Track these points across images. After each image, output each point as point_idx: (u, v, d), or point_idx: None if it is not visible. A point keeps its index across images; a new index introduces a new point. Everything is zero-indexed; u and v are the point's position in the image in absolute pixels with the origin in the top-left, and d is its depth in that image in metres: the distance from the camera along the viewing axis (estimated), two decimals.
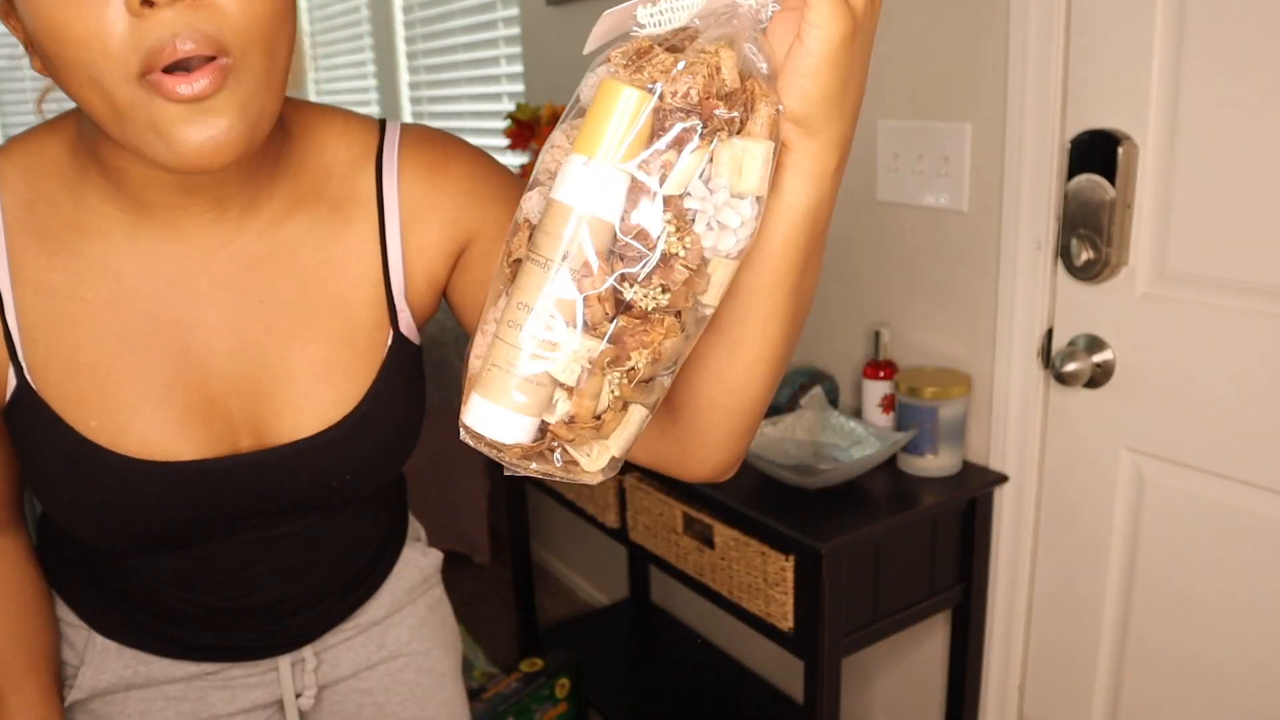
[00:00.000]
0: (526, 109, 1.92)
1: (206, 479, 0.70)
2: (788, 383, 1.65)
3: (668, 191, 0.46)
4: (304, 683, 0.90)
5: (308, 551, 0.82)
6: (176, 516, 0.71)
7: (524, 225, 0.50)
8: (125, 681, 0.85)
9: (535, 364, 0.47)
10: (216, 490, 0.71)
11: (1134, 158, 1.21)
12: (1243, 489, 1.19)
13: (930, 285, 1.50)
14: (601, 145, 0.46)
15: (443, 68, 2.96)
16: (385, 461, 0.77)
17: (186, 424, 0.69)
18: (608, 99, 0.47)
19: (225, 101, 0.55)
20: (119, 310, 0.67)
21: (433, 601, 0.98)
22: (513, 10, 2.47)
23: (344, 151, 0.72)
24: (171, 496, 0.70)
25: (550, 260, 0.47)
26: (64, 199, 0.66)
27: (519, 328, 0.47)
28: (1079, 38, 1.24)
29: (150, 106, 0.54)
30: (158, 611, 0.83)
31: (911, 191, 1.48)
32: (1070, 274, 1.31)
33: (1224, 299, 1.17)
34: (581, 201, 0.46)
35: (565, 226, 0.46)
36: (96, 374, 0.67)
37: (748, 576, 1.40)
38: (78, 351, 0.67)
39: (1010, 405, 1.41)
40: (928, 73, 1.43)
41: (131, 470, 0.68)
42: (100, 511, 0.70)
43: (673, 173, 0.46)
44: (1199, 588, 1.26)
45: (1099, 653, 1.39)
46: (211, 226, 0.68)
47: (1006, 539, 1.45)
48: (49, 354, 0.66)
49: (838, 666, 1.34)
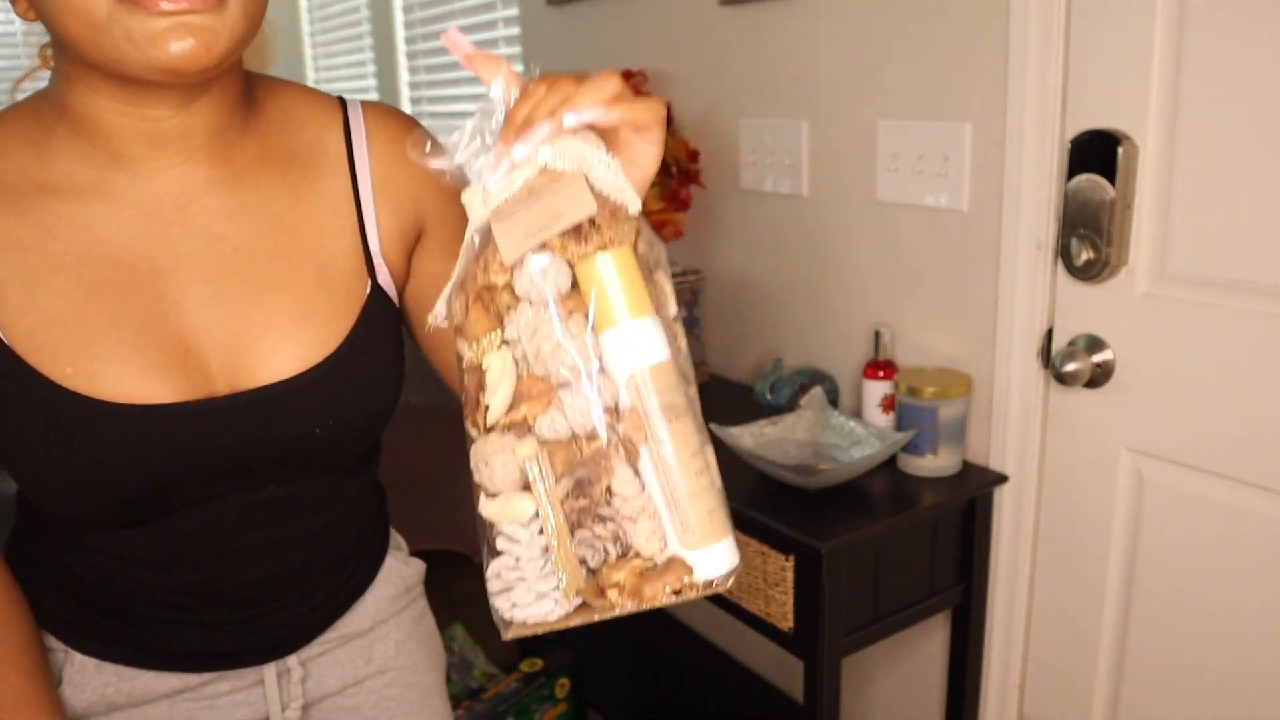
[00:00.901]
0: None
1: (185, 423, 0.69)
2: (788, 383, 1.65)
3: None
4: (290, 695, 0.87)
5: (286, 525, 0.80)
6: (156, 469, 0.70)
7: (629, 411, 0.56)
8: (106, 701, 0.81)
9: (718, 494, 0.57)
10: (196, 436, 0.70)
11: (1134, 158, 1.21)
12: (1243, 489, 1.19)
13: (930, 285, 1.50)
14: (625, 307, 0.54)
15: (443, 68, 2.96)
16: (364, 413, 0.76)
17: (163, 369, 0.69)
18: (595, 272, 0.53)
19: (205, 18, 0.60)
20: (91, 260, 0.68)
21: (416, 614, 0.97)
22: (513, 10, 2.47)
23: (311, 117, 0.76)
24: (150, 444, 0.69)
25: (685, 408, 0.56)
26: (31, 162, 0.68)
27: (708, 470, 0.55)
28: (1079, 38, 1.24)
29: (129, 20, 0.59)
30: (137, 611, 0.80)
31: (911, 191, 1.48)
32: (1070, 274, 1.30)
33: (1224, 299, 1.17)
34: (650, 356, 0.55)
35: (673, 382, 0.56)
36: (70, 323, 0.67)
37: (747, 576, 1.40)
38: (50, 302, 0.67)
39: (1010, 405, 1.41)
40: (928, 73, 1.43)
41: (109, 415, 0.67)
42: (78, 469, 0.68)
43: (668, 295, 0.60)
44: (1199, 588, 1.26)
45: (1099, 653, 1.39)
46: (181, 179, 0.69)
47: (1006, 539, 1.45)
48: (20, 309, 0.67)
49: (838, 666, 1.34)
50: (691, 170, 1.86)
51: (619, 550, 0.54)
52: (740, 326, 1.88)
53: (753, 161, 1.76)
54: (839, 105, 1.58)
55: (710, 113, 1.85)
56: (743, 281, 1.86)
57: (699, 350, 1.90)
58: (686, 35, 1.86)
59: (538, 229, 0.53)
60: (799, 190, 1.69)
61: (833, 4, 1.55)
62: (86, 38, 0.60)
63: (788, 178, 1.70)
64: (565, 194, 0.54)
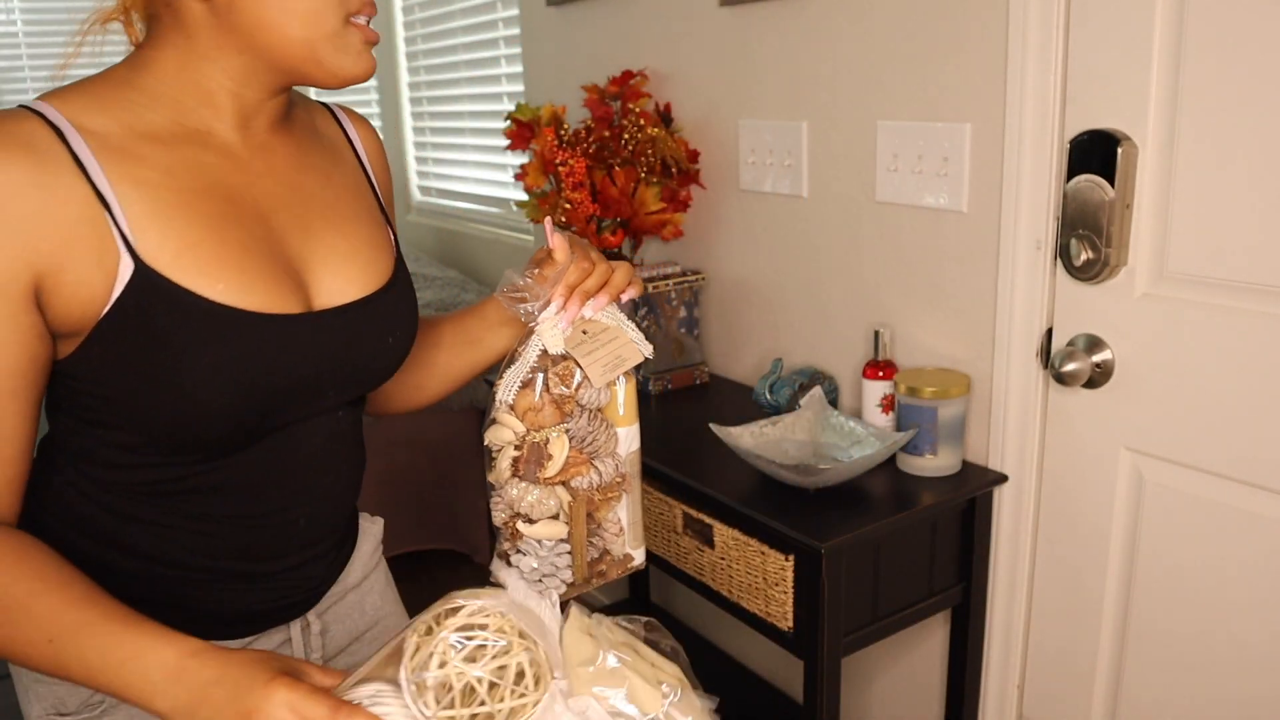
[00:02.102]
0: (526, 109, 1.92)
1: (313, 330, 0.83)
2: (788, 383, 1.65)
3: None
4: (311, 647, 0.96)
5: (338, 460, 0.93)
6: (291, 373, 0.82)
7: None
8: None
9: None
10: (319, 342, 0.84)
11: (1133, 158, 1.22)
12: (1242, 489, 1.19)
13: (930, 285, 1.50)
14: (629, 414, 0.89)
15: (443, 68, 2.96)
16: (412, 327, 0.94)
17: (287, 287, 0.82)
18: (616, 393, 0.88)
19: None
20: (210, 197, 0.79)
21: (385, 569, 1.09)
22: (513, 10, 2.47)
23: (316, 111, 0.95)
24: (290, 348, 0.81)
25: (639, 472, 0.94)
26: (132, 119, 0.78)
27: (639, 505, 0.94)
28: (1078, 38, 1.25)
29: (348, 36, 0.80)
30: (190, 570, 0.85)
31: (911, 192, 1.48)
32: (1070, 274, 1.31)
33: (1224, 299, 1.17)
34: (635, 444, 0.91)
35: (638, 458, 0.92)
36: (211, 246, 0.78)
37: (747, 576, 1.40)
38: (188, 231, 0.77)
39: (1010, 405, 1.41)
40: (928, 73, 1.43)
41: (260, 323, 0.79)
42: (237, 375, 0.78)
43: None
44: (1198, 587, 1.26)
45: (1098, 652, 1.39)
46: (262, 143, 0.86)
47: (1006, 539, 1.46)
48: (161, 237, 0.76)
49: (837, 666, 1.34)
50: (691, 170, 1.86)
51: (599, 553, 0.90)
52: (740, 326, 1.88)
53: (753, 162, 1.77)
54: (839, 105, 1.58)
55: (710, 113, 1.85)
56: (743, 281, 1.86)
57: (699, 350, 1.90)
58: (686, 35, 1.86)
59: (614, 365, 0.85)
60: (799, 190, 1.69)
61: (833, 4, 1.55)
62: (306, 39, 0.78)
63: (788, 178, 1.70)
64: (621, 344, 0.86)
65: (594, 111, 1.90)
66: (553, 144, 1.84)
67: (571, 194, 1.82)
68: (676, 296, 1.85)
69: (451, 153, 3.04)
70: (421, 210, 3.28)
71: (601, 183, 1.83)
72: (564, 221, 1.87)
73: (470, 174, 2.96)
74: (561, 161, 1.82)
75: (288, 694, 0.66)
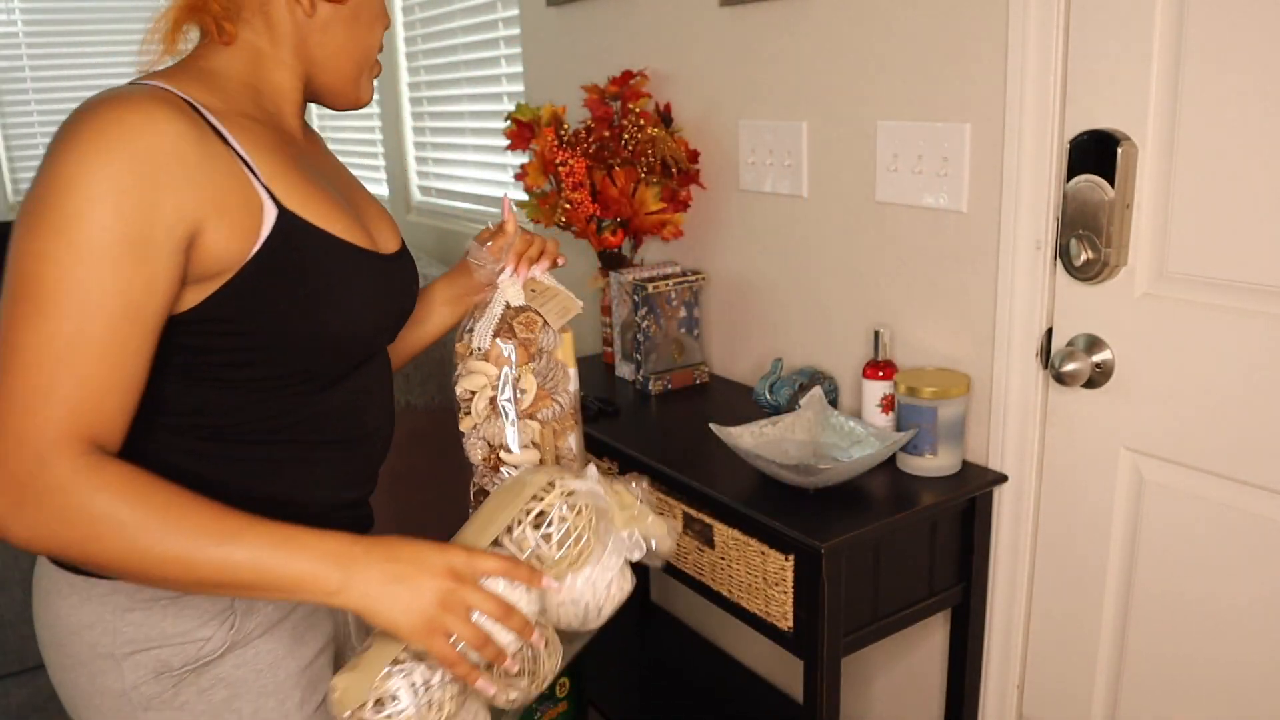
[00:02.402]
0: (526, 109, 1.92)
1: (401, 269, 1.02)
2: (788, 383, 1.65)
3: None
4: None
5: (390, 395, 1.06)
6: (396, 302, 1.01)
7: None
8: (267, 620, 0.95)
9: None
10: (407, 280, 1.04)
11: (1133, 158, 1.22)
12: (1242, 489, 1.19)
13: (930, 285, 1.50)
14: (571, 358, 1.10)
15: (443, 68, 2.96)
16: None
17: (367, 235, 0.96)
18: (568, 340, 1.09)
19: None
20: (308, 163, 0.94)
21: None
22: (513, 10, 2.47)
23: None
24: (397, 282, 1.00)
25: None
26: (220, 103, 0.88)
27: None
28: (1078, 38, 1.25)
29: (371, 74, 1.02)
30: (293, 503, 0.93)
31: (911, 192, 1.49)
32: (1069, 274, 1.31)
33: (1224, 299, 1.17)
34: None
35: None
36: (326, 201, 0.91)
37: (747, 576, 1.40)
38: (308, 186, 0.89)
39: (1009, 405, 1.41)
40: (928, 73, 1.43)
41: (380, 262, 0.96)
42: (372, 306, 0.94)
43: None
44: (1198, 587, 1.26)
45: (1098, 653, 1.39)
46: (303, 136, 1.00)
47: (1006, 539, 1.46)
48: (291, 189, 0.87)
49: (837, 666, 1.34)
50: (691, 170, 1.86)
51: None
52: (740, 326, 1.88)
53: (753, 162, 1.77)
54: (839, 105, 1.58)
55: (710, 113, 1.85)
56: (743, 281, 1.86)
57: (699, 350, 1.90)
58: (686, 35, 1.86)
59: (563, 313, 1.06)
60: (799, 190, 1.69)
61: (833, 4, 1.55)
62: (352, 75, 0.99)
63: (788, 178, 1.70)
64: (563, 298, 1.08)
65: (594, 111, 1.90)
66: (553, 144, 1.84)
67: (571, 194, 1.82)
68: (676, 296, 1.85)
69: (451, 153, 3.04)
70: (421, 210, 3.28)
71: (601, 183, 1.83)
72: (564, 222, 1.87)
73: (470, 174, 2.95)
74: (561, 161, 1.82)
75: (462, 554, 0.84)
